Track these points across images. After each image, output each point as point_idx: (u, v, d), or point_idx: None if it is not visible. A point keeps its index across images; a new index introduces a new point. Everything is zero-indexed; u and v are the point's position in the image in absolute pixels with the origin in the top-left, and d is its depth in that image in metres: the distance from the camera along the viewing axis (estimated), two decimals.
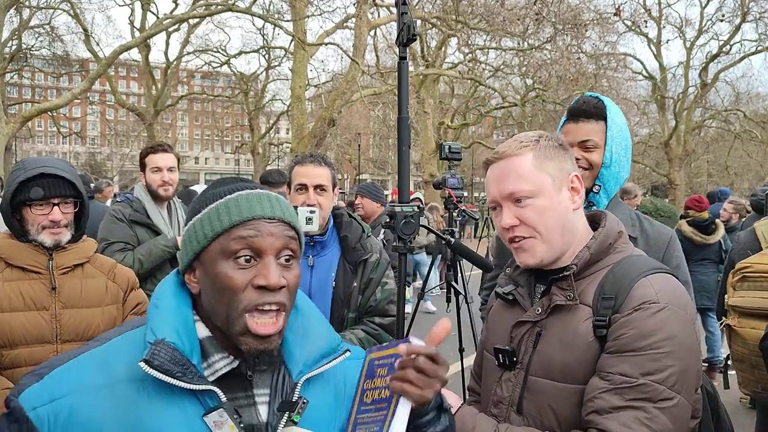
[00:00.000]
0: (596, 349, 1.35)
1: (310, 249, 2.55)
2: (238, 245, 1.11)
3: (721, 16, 27.93)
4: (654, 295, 1.32)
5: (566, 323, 1.40)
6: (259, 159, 31.90)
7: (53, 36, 24.09)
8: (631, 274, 1.38)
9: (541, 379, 1.41)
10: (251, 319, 1.09)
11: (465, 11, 17.73)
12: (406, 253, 1.95)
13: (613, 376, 1.28)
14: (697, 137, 33.40)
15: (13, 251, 2.17)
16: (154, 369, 1.05)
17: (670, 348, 1.28)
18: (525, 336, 1.47)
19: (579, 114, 2.08)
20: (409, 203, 2.31)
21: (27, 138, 33.08)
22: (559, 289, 1.43)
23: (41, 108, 17.32)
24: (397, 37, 1.85)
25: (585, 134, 2.05)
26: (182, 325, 1.13)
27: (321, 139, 16.88)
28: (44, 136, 59.89)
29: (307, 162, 2.56)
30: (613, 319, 1.33)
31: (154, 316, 1.13)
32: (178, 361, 1.07)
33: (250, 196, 1.16)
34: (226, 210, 1.14)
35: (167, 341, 1.08)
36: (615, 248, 1.46)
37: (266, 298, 1.10)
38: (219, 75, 32.70)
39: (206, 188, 1.24)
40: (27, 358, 2.10)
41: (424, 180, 23.74)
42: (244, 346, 1.10)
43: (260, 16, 18.77)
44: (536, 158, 1.44)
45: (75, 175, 2.22)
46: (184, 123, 60.62)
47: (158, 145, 3.45)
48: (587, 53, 20.54)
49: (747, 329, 2.66)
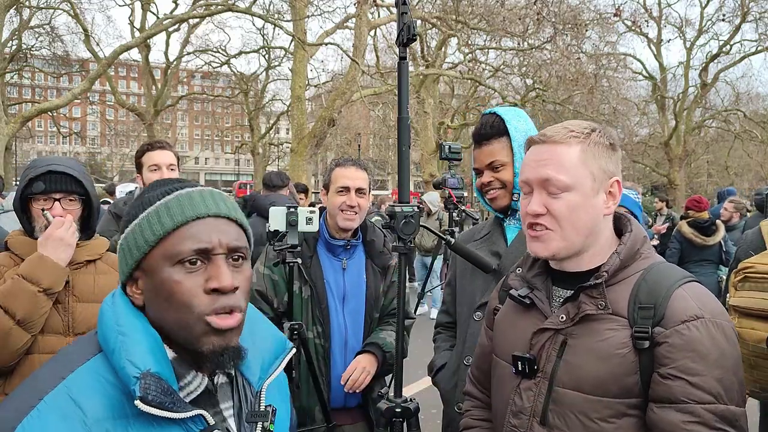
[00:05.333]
0: (633, 362, 1.30)
1: (344, 252, 2.65)
2: (184, 247, 1.03)
3: (721, 16, 27.88)
4: (696, 309, 1.29)
5: (596, 333, 1.34)
6: (259, 159, 31.88)
7: (53, 36, 24.06)
8: (665, 282, 1.33)
9: (570, 392, 1.35)
10: (210, 317, 1.02)
11: (465, 11, 17.71)
12: (406, 253, 1.94)
13: (692, 407, 1.24)
14: (697, 137, 33.34)
15: (26, 247, 2.20)
16: (148, 405, 0.96)
17: (728, 363, 1.27)
18: (547, 344, 1.40)
19: (480, 138, 2.11)
20: (409, 203, 2.31)
21: (27, 138, 33.08)
22: (589, 297, 1.35)
23: (41, 108, 17.29)
24: (397, 37, 1.85)
25: (490, 156, 2.08)
26: (157, 349, 1.03)
27: (321, 139, 16.85)
28: (44, 136, 59.86)
29: (348, 165, 2.67)
30: (657, 333, 1.28)
31: (125, 344, 1.01)
32: (165, 391, 0.98)
33: (192, 194, 1.08)
34: (166, 211, 1.05)
35: (152, 372, 0.98)
36: (641, 254, 1.40)
37: (222, 302, 1.03)
38: (219, 75, 32.65)
39: (141, 192, 1.14)
40: (41, 346, 2.13)
41: (424, 180, 23.72)
42: (207, 346, 1.03)
43: (260, 16, 18.75)
44: (583, 152, 1.37)
45: (84, 174, 2.24)
46: (184, 123, 60.60)
47: (156, 142, 3.28)
48: (587, 53, 20.51)
49: (747, 330, 2.65)
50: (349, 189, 2.59)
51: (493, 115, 2.12)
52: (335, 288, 2.62)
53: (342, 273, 2.64)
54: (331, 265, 2.64)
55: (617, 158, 1.42)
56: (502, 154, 2.07)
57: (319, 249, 2.66)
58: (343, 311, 2.62)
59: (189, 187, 1.10)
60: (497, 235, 2.16)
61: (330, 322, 2.59)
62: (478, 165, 2.12)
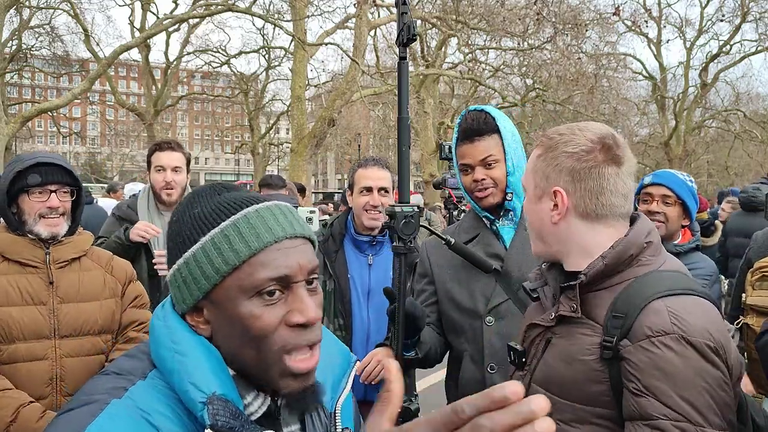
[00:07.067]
0: (597, 370, 1.26)
1: (370, 248, 2.70)
2: (262, 276, 0.90)
3: (721, 16, 27.91)
4: (667, 324, 1.20)
5: (571, 336, 1.33)
6: (259, 159, 31.86)
7: (53, 36, 24.04)
8: (646, 293, 1.25)
9: (541, 390, 1.36)
10: (289, 359, 0.92)
11: (465, 11, 17.72)
12: (406, 253, 1.94)
13: (664, 423, 1.17)
14: (697, 137, 33.36)
15: (10, 244, 2.14)
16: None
17: (703, 383, 1.17)
18: (536, 339, 1.42)
19: (473, 133, 2.08)
20: (409, 203, 2.31)
21: (27, 138, 33.04)
22: (567, 298, 1.35)
23: (41, 108, 17.30)
24: (397, 37, 1.85)
25: (484, 151, 2.07)
26: (220, 368, 0.92)
27: (321, 139, 16.86)
28: (44, 136, 59.84)
29: (370, 165, 2.71)
30: (622, 345, 1.22)
31: (184, 365, 0.90)
32: (234, 414, 0.88)
33: (262, 212, 0.95)
34: (237, 235, 0.92)
35: (218, 394, 0.88)
36: (639, 261, 1.32)
37: (305, 336, 0.92)
38: (219, 75, 32.65)
39: (190, 200, 0.99)
40: (25, 354, 2.08)
41: (424, 180, 23.72)
42: (285, 389, 0.93)
43: (260, 16, 18.76)
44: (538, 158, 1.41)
45: (70, 165, 2.22)
46: (184, 123, 60.59)
47: (165, 142, 3.19)
48: (587, 53, 20.51)
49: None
50: (372, 189, 2.64)
51: (482, 112, 2.11)
52: (360, 283, 2.66)
53: (368, 269, 2.68)
54: (357, 261, 2.70)
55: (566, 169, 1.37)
56: (496, 150, 2.07)
57: (345, 244, 2.72)
58: (368, 306, 2.65)
59: (255, 201, 0.97)
60: (489, 236, 2.12)
61: (352, 315, 2.63)
62: (470, 160, 2.09)
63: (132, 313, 2.36)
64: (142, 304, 2.42)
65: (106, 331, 2.26)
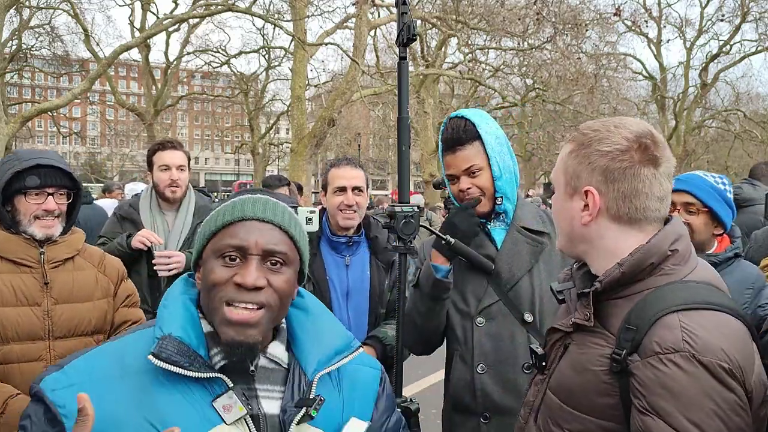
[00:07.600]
0: (606, 383, 1.20)
1: (347, 249, 2.68)
2: (225, 244, 1.18)
3: (721, 16, 27.92)
4: (678, 341, 1.12)
5: (584, 345, 1.28)
6: (259, 159, 31.85)
7: (53, 36, 24.02)
8: (660, 305, 1.17)
9: (553, 396, 1.33)
10: (228, 310, 1.15)
11: (465, 11, 17.72)
12: (406, 253, 1.94)
13: None
14: (697, 137, 33.34)
15: (3, 242, 2.12)
16: (161, 361, 1.12)
17: (712, 405, 1.09)
18: (557, 344, 1.37)
19: (454, 143, 2.05)
20: (409, 203, 2.31)
21: (27, 138, 33.00)
22: (582, 305, 1.28)
23: (41, 108, 17.27)
24: (397, 37, 1.85)
25: (466, 161, 2.04)
26: (188, 320, 1.20)
27: (321, 139, 16.85)
28: (44, 136, 59.82)
29: (343, 164, 2.69)
30: (630, 360, 1.16)
31: (162, 314, 1.21)
32: (184, 353, 1.14)
33: (246, 199, 1.23)
34: (223, 211, 1.22)
35: (173, 336, 1.15)
36: (661, 269, 1.23)
37: (242, 296, 1.16)
38: (219, 75, 32.63)
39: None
40: (19, 355, 2.07)
41: (424, 180, 23.72)
42: (223, 336, 1.16)
43: (260, 16, 18.74)
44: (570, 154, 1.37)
45: (69, 167, 2.20)
46: (184, 123, 60.53)
47: (167, 141, 3.25)
48: (587, 53, 20.51)
49: None
50: (346, 189, 2.61)
51: (462, 119, 2.07)
52: (338, 284, 2.64)
53: (345, 269, 2.65)
54: (334, 262, 2.67)
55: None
56: (478, 158, 2.03)
57: (322, 246, 2.68)
58: (347, 307, 2.64)
59: (259, 195, 1.26)
60: (481, 237, 2.11)
61: None
62: (454, 171, 2.07)
63: (124, 312, 2.36)
64: (133, 303, 2.42)
65: (99, 331, 2.25)
